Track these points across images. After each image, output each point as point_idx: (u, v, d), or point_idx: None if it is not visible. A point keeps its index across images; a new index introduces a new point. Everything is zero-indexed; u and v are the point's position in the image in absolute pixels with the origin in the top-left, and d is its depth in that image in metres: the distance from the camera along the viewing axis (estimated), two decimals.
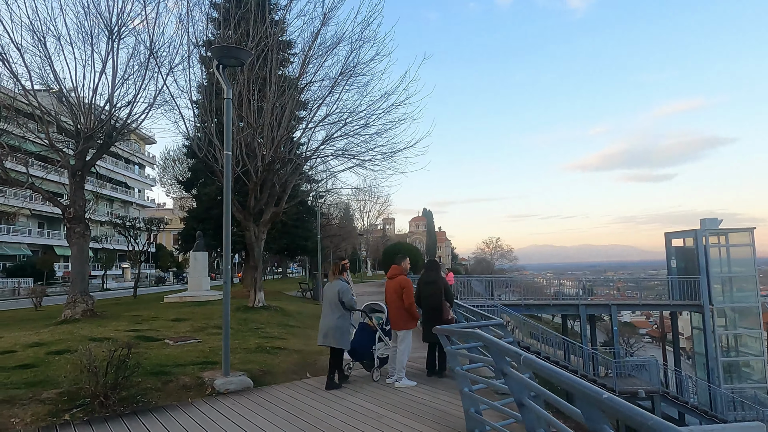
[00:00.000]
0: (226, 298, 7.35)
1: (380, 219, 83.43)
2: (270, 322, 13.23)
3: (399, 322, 7.30)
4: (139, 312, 15.73)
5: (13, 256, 46.39)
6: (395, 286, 7.32)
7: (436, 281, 7.73)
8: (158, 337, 10.42)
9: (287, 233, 24.30)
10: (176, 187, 38.89)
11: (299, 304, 19.57)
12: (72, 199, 13.35)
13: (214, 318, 13.51)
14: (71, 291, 13.25)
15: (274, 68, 14.64)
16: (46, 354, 8.45)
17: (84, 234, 13.44)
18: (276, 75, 13.98)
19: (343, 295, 7.00)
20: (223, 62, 7.44)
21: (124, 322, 12.35)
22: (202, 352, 8.89)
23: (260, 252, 15.11)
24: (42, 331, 11.14)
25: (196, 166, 24.54)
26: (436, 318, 7.62)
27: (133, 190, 69.34)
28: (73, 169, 13.16)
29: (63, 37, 13.16)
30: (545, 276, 35.29)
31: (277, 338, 11.08)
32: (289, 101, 13.31)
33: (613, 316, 21.35)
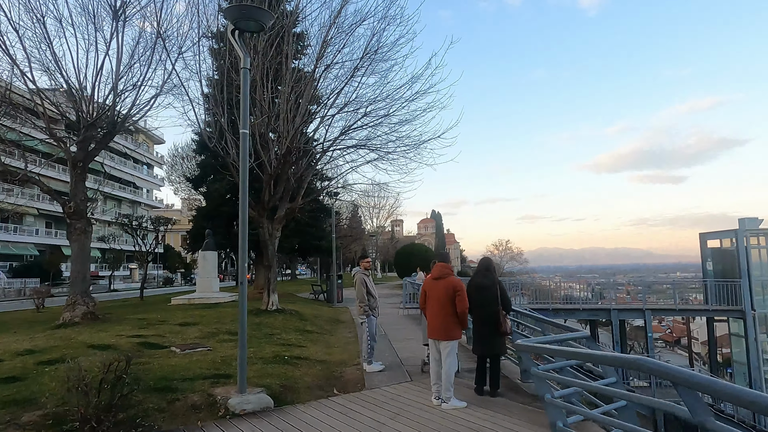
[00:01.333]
0: (242, 303, 6.23)
1: (389, 221, 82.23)
2: (286, 327, 12.13)
3: (445, 331, 6.15)
4: (145, 315, 14.69)
5: (20, 256, 45.77)
6: (445, 288, 6.17)
7: (492, 286, 6.56)
8: (164, 344, 9.34)
9: (300, 232, 23.21)
10: (184, 185, 37.99)
11: (314, 307, 18.46)
12: (73, 192, 12.34)
13: (225, 322, 12.43)
14: (71, 292, 12.23)
15: (290, 53, 13.59)
16: (35, 364, 7.39)
17: (86, 230, 12.42)
18: (291, 57, 12.89)
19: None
20: (239, 26, 6.36)
21: (128, 327, 11.30)
22: (213, 363, 7.79)
23: (274, 251, 14.03)
24: (37, 336, 10.11)
25: (206, 162, 23.56)
26: (491, 330, 6.48)
27: (141, 190, 68.76)
28: (74, 159, 12.16)
29: (65, 19, 12.22)
30: (551, 278, 34.04)
31: (296, 346, 9.97)
32: (306, 87, 12.23)
33: (648, 322, 20.03)
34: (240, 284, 6.36)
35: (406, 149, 13.93)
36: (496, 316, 6.46)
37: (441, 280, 6.29)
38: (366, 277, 8.09)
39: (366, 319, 7.94)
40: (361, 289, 7.94)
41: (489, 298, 6.50)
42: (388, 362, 8.63)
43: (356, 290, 8.09)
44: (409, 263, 39.06)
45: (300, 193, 14.55)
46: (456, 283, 6.25)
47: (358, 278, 8.06)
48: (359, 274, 8.12)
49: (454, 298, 6.14)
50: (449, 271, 6.40)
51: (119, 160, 61.13)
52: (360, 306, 7.98)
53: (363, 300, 7.94)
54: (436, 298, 6.26)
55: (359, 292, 7.98)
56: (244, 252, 6.35)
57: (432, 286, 6.38)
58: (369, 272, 8.36)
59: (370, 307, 7.97)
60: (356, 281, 8.12)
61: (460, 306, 6.12)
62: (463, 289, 6.23)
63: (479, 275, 6.76)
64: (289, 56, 13.52)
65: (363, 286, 7.94)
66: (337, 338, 11.75)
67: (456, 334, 6.21)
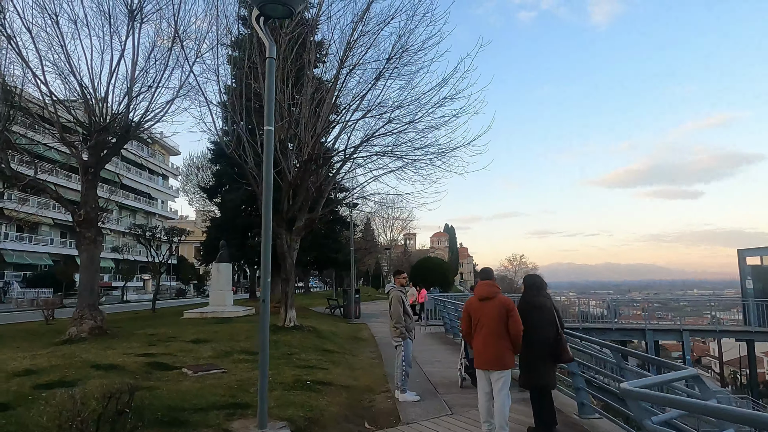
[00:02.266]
0: (263, 326, 5.42)
1: (402, 234, 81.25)
2: (305, 346, 11.29)
3: (499, 360, 5.27)
4: (156, 329, 13.96)
5: (35, 266, 45.65)
6: (497, 309, 5.31)
7: (548, 306, 5.67)
8: (175, 364, 8.55)
9: (316, 244, 22.46)
10: (199, 195, 37.59)
11: (331, 323, 17.60)
12: (83, 199, 11.74)
13: (239, 339, 11.64)
14: (78, 305, 11.55)
15: (311, 58, 12.97)
16: (32, 388, 6.64)
17: (96, 240, 11.78)
18: (313, 58, 12.24)
19: None
20: (265, 11, 5.65)
21: (137, 343, 10.55)
22: (228, 389, 6.97)
23: (293, 263, 13.25)
24: (39, 353, 9.39)
25: (221, 172, 23.03)
26: (544, 357, 5.57)
27: (156, 201, 68.88)
28: (85, 165, 11.57)
29: (80, 20, 11.74)
30: (565, 293, 32.80)
31: (317, 368, 9.11)
32: (328, 91, 11.55)
33: (686, 343, 18.79)
34: (262, 302, 5.56)
35: (433, 157, 13.16)
36: (552, 342, 5.57)
37: (489, 301, 5.42)
38: (403, 294, 7.24)
39: (402, 342, 7.06)
40: (398, 308, 7.09)
41: (544, 320, 5.61)
42: (421, 389, 7.74)
43: (392, 309, 7.23)
44: (425, 277, 38.13)
45: (320, 202, 13.81)
46: (507, 302, 5.39)
47: (395, 296, 7.20)
48: (395, 291, 7.26)
49: (506, 320, 5.28)
50: (497, 290, 5.54)
51: (135, 171, 61.33)
52: (396, 327, 7.10)
53: (400, 320, 7.07)
54: (485, 322, 5.38)
55: (395, 312, 7.12)
56: (267, 263, 5.56)
57: (479, 308, 5.50)
58: (406, 289, 7.50)
59: (407, 328, 7.10)
60: (392, 299, 7.26)
61: (514, 328, 5.26)
62: (515, 309, 5.37)
63: (531, 293, 5.85)
64: (310, 61, 12.92)
65: (400, 305, 7.09)
66: (359, 359, 10.87)
67: (510, 362, 5.33)
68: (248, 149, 12.76)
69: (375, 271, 73.01)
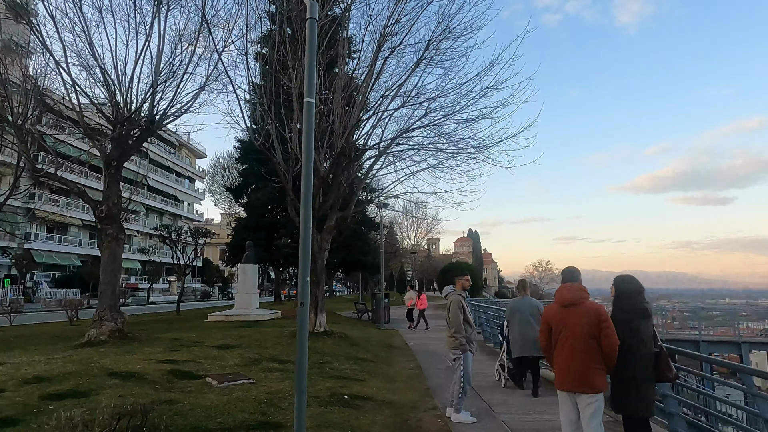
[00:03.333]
0: (302, 332, 4.56)
1: (425, 239, 79.94)
2: (337, 354, 10.42)
3: (588, 381, 4.27)
4: (180, 333, 13.31)
5: (64, 266, 46.14)
6: (586, 318, 4.31)
7: (647, 314, 4.65)
8: (198, 372, 7.78)
9: (345, 246, 21.61)
10: (225, 196, 37.30)
11: (361, 329, 16.73)
12: (105, 194, 11.15)
13: (267, 345, 10.85)
14: (98, 306, 10.93)
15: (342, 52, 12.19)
16: (40, 398, 5.92)
17: (118, 237, 11.17)
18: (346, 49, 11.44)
19: (543, 310, 7.09)
20: None
21: (159, 348, 9.85)
22: (257, 404, 6.13)
23: (323, 265, 12.41)
24: (55, 357, 8.75)
25: (248, 171, 22.48)
26: (648, 376, 4.55)
27: (182, 203, 69.40)
28: (108, 158, 10.98)
29: (104, 8, 11.20)
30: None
31: (353, 379, 8.23)
32: (364, 79, 10.73)
33: (745, 356, 17.31)
34: (299, 306, 4.69)
35: (474, 151, 12.19)
36: (652, 358, 4.55)
37: (574, 307, 4.42)
38: (463, 299, 6.26)
39: (461, 354, 6.08)
40: (458, 316, 6.11)
41: (641, 334, 4.57)
42: (474, 408, 6.76)
43: (451, 316, 6.26)
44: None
45: (353, 200, 12.95)
46: (598, 310, 4.38)
47: (454, 300, 6.23)
48: (455, 296, 6.29)
49: (598, 332, 4.28)
50: (585, 295, 4.53)
51: (162, 173, 61.84)
52: (455, 337, 6.13)
53: (460, 329, 6.08)
54: (570, 333, 4.38)
55: (455, 319, 6.14)
56: (307, 259, 4.71)
57: (562, 317, 4.49)
58: (467, 294, 6.51)
59: (467, 339, 6.13)
60: (451, 304, 6.27)
61: (608, 342, 4.25)
62: (609, 318, 4.37)
63: (626, 299, 4.77)
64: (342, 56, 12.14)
65: (460, 311, 6.11)
66: (396, 369, 9.94)
67: (602, 384, 4.33)
68: (276, 143, 12.05)
69: (399, 276, 71.98)
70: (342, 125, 10.54)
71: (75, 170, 40.29)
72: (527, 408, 6.97)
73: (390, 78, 12.24)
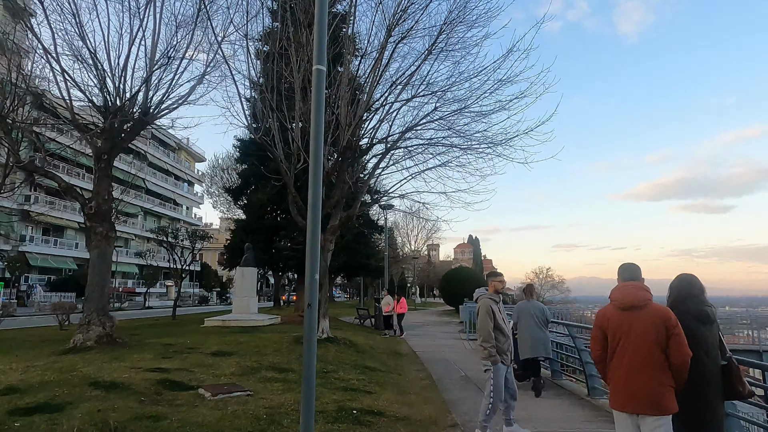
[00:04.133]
0: (310, 339, 3.83)
1: (426, 245, 79.02)
2: (342, 363, 9.66)
3: (652, 399, 3.52)
4: (174, 339, 12.54)
5: (59, 270, 45.31)
6: (650, 324, 3.56)
7: (711, 319, 3.91)
8: (190, 382, 7.02)
9: (347, 249, 20.81)
10: (223, 198, 36.61)
11: (366, 335, 15.95)
12: (95, 190, 10.42)
13: (266, 353, 10.09)
14: (85, 310, 10.18)
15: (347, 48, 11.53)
16: (7, 413, 5.17)
17: (108, 236, 10.44)
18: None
19: (548, 313, 8.34)
20: None
21: (149, 355, 9.09)
22: (255, 420, 5.38)
23: (327, 267, 11.68)
24: (35, 365, 7.99)
25: (247, 171, 21.76)
26: (718, 393, 3.82)
27: (181, 207, 68.68)
28: (98, 151, 10.28)
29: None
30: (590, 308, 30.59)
31: (362, 391, 7.47)
32: (374, 64, 10.05)
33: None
34: (306, 308, 3.96)
35: (487, 147, 11.50)
36: (719, 373, 3.83)
37: (638, 311, 3.67)
38: (495, 304, 5.48)
39: (492, 366, 5.30)
40: (487, 322, 5.32)
41: (704, 343, 3.84)
42: (500, 426, 6.01)
43: (478, 322, 5.49)
44: (458, 289, 36.14)
45: (359, 197, 12.22)
46: (666, 314, 3.62)
47: (483, 305, 5.44)
48: (484, 299, 5.49)
49: (665, 341, 3.55)
50: (649, 296, 3.79)
51: (161, 176, 61.16)
52: (483, 347, 5.36)
53: (489, 338, 5.30)
54: (632, 343, 3.63)
55: (482, 326, 5.36)
56: (316, 255, 3.99)
57: (621, 321, 3.72)
58: (500, 297, 5.69)
59: (499, 350, 5.34)
60: (479, 308, 5.51)
61: (678, 353, 3.51)
62: (679, 325, 3.61)
63: (687, 300, 4.01)
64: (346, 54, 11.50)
65: (490, 318, 5.32)
66: (408, 380, 9.18)
67: (671, 404, 3.57)
68: (278, 138, 11.38)
69: (400, 281, 71.13)
70: (348, 117, 9.83)
71: (73, 173, 39.60)
72: (543, 413, 6.25)
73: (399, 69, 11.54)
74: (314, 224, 4.01)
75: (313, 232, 4.10)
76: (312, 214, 4.10)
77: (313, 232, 4.09)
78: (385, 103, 10.72)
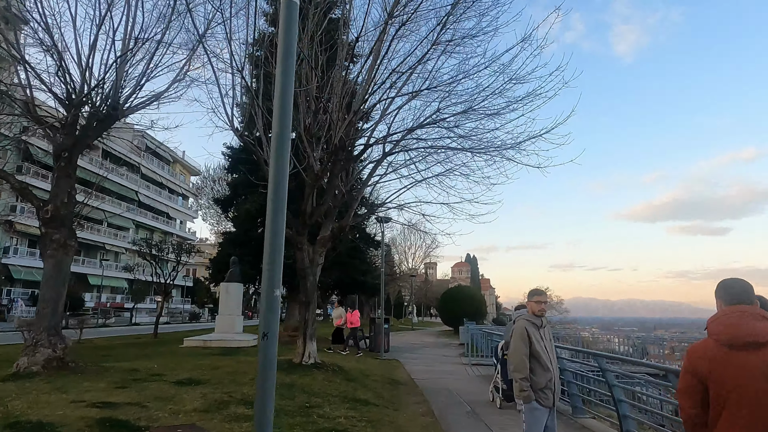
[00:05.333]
0: (265, 390, 2.59)
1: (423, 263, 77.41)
2: (329, 394, 8.33)
3: None
4: (142, 362, 11.21)
5: None
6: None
7: None
8: (138, 422, 5.70)
9: (341, 263, 19.49)
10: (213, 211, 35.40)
11: (359, 359, 14.57)
12: (53, 191, 9.19)
13: (243, 381, 8.77)
14: (34, 328, 8.84)
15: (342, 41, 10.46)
16: None
17: (66, 244, 9.16)
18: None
19: None
20: None
21: (102, 384, 7.74)
22: None
23: (315, 282, 10.37)
24: None
25: (236, 181, 20.59)
26: None
27: (174, 221, 67.30)
28: (58, 147, 9.08)
29: None
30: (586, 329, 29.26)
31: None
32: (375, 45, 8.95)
33: None
34: (261, 341, 2.73)
35: (496, 151, 10.37)
36: None
37: (757, 351, 2.42)
38: (533, 327, 4.17)
39: (524, 406, 3.95)
40: (519, 349, 4.05)
41: None
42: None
43: (511, 346, 4.19)
44: (456, 309, 34.73)
45: (353, 205, 11.01)
46: None
47: (518, 327, 4.17)
48: (521, 321, 4.22)
49: None
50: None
51: (154, 189, 59.93)
52: (515, 378, 4.06)
53: (520, 367, 4.02)
54: (751, 399, 2.38)
55: (514, 354, 4.09)
56: (275, 266, 2.79)
57: (733, 367, 2.44)
58: (543, 321, 4.32)
59: (534, 385, 3.98)
60: (514, 333, 4.22)
61: None
62: None
63: None
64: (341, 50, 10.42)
65: (524, 344, 4.04)
66: (406, 416, 7.83)
67: None
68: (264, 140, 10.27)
69: (397, 300, 69.48)
70: (341, 112, 8.67)
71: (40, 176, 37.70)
72: None
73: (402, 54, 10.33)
74: (276, 214, 2.81)
75: (273, 229, 2.89)
76: (273, 205, 2.91)
77: (274, 229, 2.89)
78: (385, 98, 9.57)
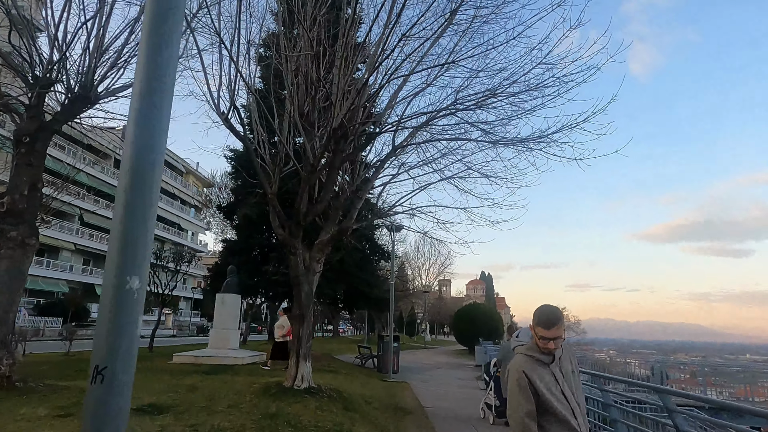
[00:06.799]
0: None
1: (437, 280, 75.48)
2: (320, 428, 6.88)
3: None
4: None
5: (51, 293, 43.04)
6: None
7: None
8: None
9: (346, 275, 18.03)
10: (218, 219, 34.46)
11: (362, 382, 13.09)
12: (12, 182, 8.04)
13: (218, 408, 7.36)
14: None
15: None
16: None
17: (24, 243, 7.97)
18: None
19: None
20: None
21: (46, 409, 6.43)
22: None
23: (311, 292, 8.97)
24: None
25: (240, 188, 19.46)
26: None
27: (186, 232, 66.77)
28: (18, 132, 7.97)
29: None
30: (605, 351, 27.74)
31: None
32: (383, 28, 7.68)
33: None
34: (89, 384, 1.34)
35: (524, 148, 9.01)
36: None
37: None
38: (538, 366, 2.61)
39: None
40: (520, 405, 2.56)
41: None
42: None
43: (509, 404, 2.66)
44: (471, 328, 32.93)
45: (357, 205, 9.66)
46: None
47: (515, 371, 2.65)
48: (521, 359, 2.71)
49: None
50: None
51: (166, 200, 59.51)
52: None
53: (523, 426, 2.51)
54: None
55: (514, 412, 2.58)
56: (136, 248, 1.40)
57: None
58: (556, 354, 2.64)
59: None
60: (510, 377, 2.68)
61: None
62: None
63: None
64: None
65: (524, 397, 2.56)
66: None
67: None
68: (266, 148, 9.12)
69: (409, 317, 67.61)
70: (343, 88, 7.36)
71: None
72: None
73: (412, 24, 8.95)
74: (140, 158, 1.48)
75: (132, 183, 1.57)
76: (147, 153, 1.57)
77: (133, 184, 1.56)
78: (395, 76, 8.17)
